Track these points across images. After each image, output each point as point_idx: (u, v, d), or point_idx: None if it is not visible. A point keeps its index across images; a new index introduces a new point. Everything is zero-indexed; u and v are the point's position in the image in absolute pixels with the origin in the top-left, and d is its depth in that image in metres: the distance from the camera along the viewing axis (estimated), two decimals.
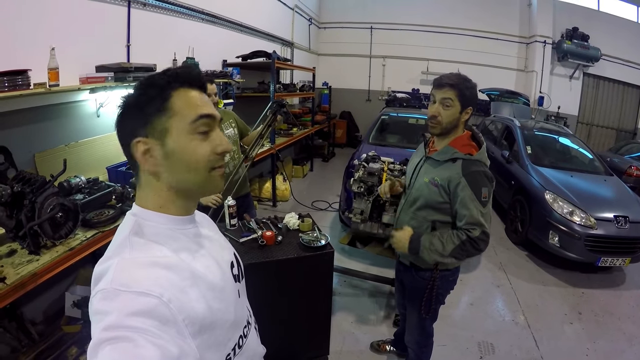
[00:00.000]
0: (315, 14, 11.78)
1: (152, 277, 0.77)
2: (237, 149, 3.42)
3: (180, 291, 0.79)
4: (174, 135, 0.86)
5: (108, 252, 0.86)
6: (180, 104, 0.87)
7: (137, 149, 0.86)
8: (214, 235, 1.09)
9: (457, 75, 2.07)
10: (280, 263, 2.47)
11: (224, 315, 0.92)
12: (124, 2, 3.93)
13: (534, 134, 6.69)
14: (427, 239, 2.08)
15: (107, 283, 0.75)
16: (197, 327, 0.81)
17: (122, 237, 0.87)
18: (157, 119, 0.86)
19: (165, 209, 0.92)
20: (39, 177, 2.37)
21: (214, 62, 5.86)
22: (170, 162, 0.87)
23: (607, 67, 11.32)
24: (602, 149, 10.86)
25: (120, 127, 0.89)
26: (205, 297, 0.86)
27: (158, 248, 0.86)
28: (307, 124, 8.79)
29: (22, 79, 2.56)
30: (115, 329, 0.68)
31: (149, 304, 0.72)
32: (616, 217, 4.59)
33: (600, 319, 3.91)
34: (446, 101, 2.04)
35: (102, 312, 0.71)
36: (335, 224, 5.84)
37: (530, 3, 11.17)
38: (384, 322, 3.65)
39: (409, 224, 2.22)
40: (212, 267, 0.95)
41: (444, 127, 2.08)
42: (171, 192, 0.91)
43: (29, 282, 2.08)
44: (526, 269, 4.87)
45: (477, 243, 1.98)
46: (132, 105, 0.88)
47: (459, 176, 1.99)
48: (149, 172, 0.89)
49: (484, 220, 1.98)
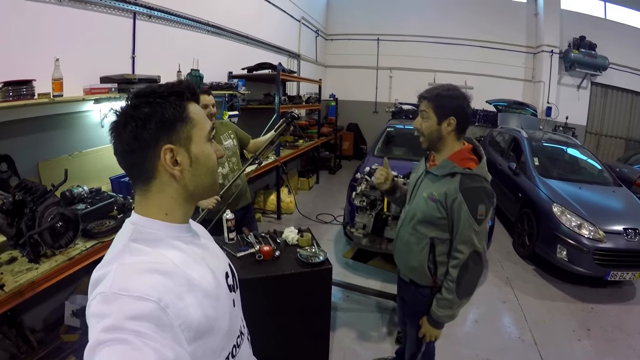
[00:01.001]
0: (322, 26, 11.85)
1: (150, 282, 0.80)
2: (236, 160, 3.40)
3: (177, 297, 0.82)
4: (197, 142, 0.96)
5: (106, 258, 0.90)
6: (195, 115, 0.96)
7: (165, 155, 0.91)
8: (209, 245, 1.12)
9: (437, 87, 2.07)
10: (277, 279, 2.45)
11: (219, 324, 0.94)
12: (129, 14, 3.99)
13: (541, 145, 6.59)
14: (435, 309, 2.08)
15: (106, 287, 0.78)
16: (193, 333, 0.83)
17: (121, 243, 0.90)
18: (182, 128, 0.93)
19: (171, 215, 0.97)
20: (40, 186, 2.40)
21: (219, 73, 5.90)
22: (194, 167, 0.95)
23: (615, 76, 11.20)
24: (611, 159, 10.73)
25: (133, 136, 0.89)
26: (201, 304, 0.88)
27: (156, 254, 0.88)
28: (313, 136, 8.77)
29: (27, 89, 2.62)
30: (113, 331, 0.70)
31: (147, 308, 0.75)
32: (626, 230, 4.50)
33: (610, 335, 3.81)
34: (422, 113, 2.07)
35: (101, 315, 0.74)
36: (339, 237, 5.79)
37: (536, 12, 11.14)
38: (386, 339, 3.58)
39: (408, 239, 2.18)
40: (207, 275, 0.97)
41: (427, 140, 2.08)
42: (182, 197, 0.97)
43: (27, 290, 2.10)
44: (533, 284, 4.78)
45: (466, 268, 1.96)
46: (152, 115, 0.90)
47: (456, 191, 1.95)
48: (173, 177, 0.94)
49: (477, 239, 1.94)
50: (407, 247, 2.20)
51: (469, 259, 1.95)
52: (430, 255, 2.10)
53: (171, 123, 0.92)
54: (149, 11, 4.24)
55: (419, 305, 2.22)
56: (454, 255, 2.01)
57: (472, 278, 1.99)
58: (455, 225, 1.98)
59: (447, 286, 2.02)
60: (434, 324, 2.13)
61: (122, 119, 0.91)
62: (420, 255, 2.12)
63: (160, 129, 0.90)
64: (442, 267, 2.10)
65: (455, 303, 2.02)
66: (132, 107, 0.91)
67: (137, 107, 0.90)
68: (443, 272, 2.09)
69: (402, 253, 2.26)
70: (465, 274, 1.97)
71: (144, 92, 0.93)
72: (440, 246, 2.08)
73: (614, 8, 11.30)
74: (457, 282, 1.98)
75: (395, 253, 2.36)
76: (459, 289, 1.98)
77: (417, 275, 2.18)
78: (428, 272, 2.12)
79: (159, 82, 3.56)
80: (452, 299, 2.00)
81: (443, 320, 2.08)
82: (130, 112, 0.90)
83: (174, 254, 0.91)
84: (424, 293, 2.19)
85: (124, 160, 0.93)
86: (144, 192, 0.95)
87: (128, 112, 0.91)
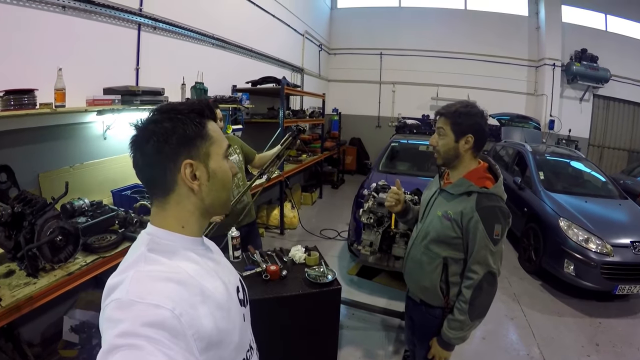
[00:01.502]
0: (325, 40, 11.93)
1: (165, 291, 0.81)
2: (242, 176, 3.38)
3: (191, 307, 0.83)
4: (214, 159, 0.99)
5: (122, 266, 0.91)
6: (214, 133, 1.00)
7: (185, 169, 0.94)
8: (221, 259, 1.15)
9: (455, 104, 2.03)
10: (284, 299, 2.40)
11: (229, 336, 0.96)
12: (134, 25, 4.00)
13: (545, 158, 6.58)
14: (446, 330, 2.03)
15: (122, 293, 0.79)
16: (205, 344, 0.84)
17: (137, 253, 0.92)
18: (202, 145, 0.97)
19: (187, 228, 0.99)
20: (40, 198, 2.37)
21: (223, 87, 5.90)
22: (211, 182, 0.99)
23: (617, 88, 11.22)
24: (614, 171, 10.70)
25: (155, 149, 0.92)
26: (213, 316, 0.89)
27: (171, 264, 0.90)
28: (316, 151, 8.77)
29: (29, 98, 2.60)
30: (128, 337, 0.71)
31: (162, 316, 0.76)
32: (633, 243, 4.46)
33: (619, 350, 3.76)
34: (440, 130, 2.03)
35: (116, 320, 0.75)
36: (343, 253, 5.73)
37: (538, 26, 11.21)
38: (392, 357, 3.52)
39: (420, 259, 2.14)
40: (219, 287, 0.98)
41: (443, 157, 2.05)
42: (199, 211, 1.00)
43: (24, 305, 2.06)
44: (541, 300, 4.72)
45: (480, 289, 1.92)
46: (174, 131, 0.93)
47: (472, 210, 1.91)
48: (192, 191, 0.96)
49: (492, 260, 1.90)
50: (419, 266, 2.15)
51: (483, 280, 1.91)
52: (443, 275, 2.06)
53: (191, 139, 0.95)
54: (154, 23, 4.26)
55: (429, 326, 2.18)
56: (467, 275, 1.97)
57: (485, 300, 1.95)
58: (470, 245, 1.94)
59: (460, 307, 1.97)
60: (445, 346, 2.08)
61: (144, 134, 0.94)
62: (433, 275, 2.08)
63: (182, 145, 0.93)
64: (454, 288, 2.06)
65: (467, 325, 1.97)
66: (153, 122, 0.94)
67: (159, 122, 0.94)
68: (455, 292, 2.05)
69: (413, 272, 2.22)
70: (479, 295, 1.93)
71: (166, 109, 0.97)
72: (453, 266, 2.04)
73: (614, 20, 11.37)
74: (470, 304, 1.93)
75: (406, 272, 2.31)
76: (471, 310, 1.94)
77: (428, 295, 2.14)
78: (440, 293, 2.08)
79: (163, 95, 3.60)
80: (464, 320, 1.96)
81: (454, 342, 2.03)
82: (152, 127, 0.93)
83: (189, 265, 0.93)
84: (435, 314, 2.14)
85: (145, 173, 0.96)
86: (162, 204, 0.98)
87: (149, 127, 0.94)
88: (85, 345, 2.82)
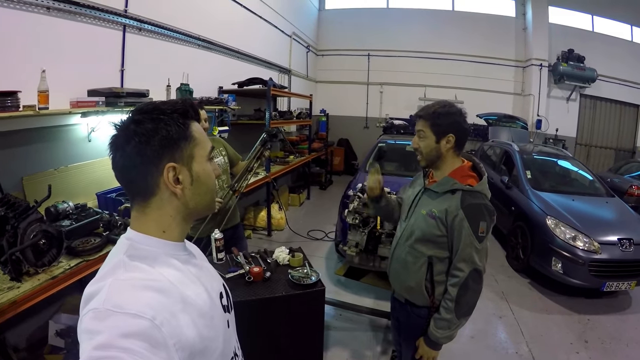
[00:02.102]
0: (313, 42, 11.92)
1: (145, 299, 0.78)
2: (227, 178, 3.35)
3: (171, 315, 0.80)
4: (198, 161, 0.96)
5: (100, 273, 0.87)
6: (198, 134, 0.96)
7: (168, 173, 0.90)
8: (204, 264, 1.11)
9: (434, 104, 2.04)
10: (267, 301, 2.36)
11: (213, 344, 0.92)
12: (119, 27, 3.96)
13: (533, 158, 6.60)
14: (433, 330, 2.00)
15: (99, 303, 0.75)
16: (187, 353, 0.81)
17: (116, 259, 0.88)
18: (185, 147, 0.93)
19: (168, 233, 0.95)
20: (23, 202, 2.36)
21: (210, 88, 5.87)
22: (195, 186, 0.95)
23: (604, 88, 11.38)
24: (601, 169, 10.79)
25: (136, 151, 0.88)
26: (195, 324, 0.86)
27: (151, 271, 0.86)
28: (304, 152, 8.73)
29: (12, 101, 2.57)
30: (106, 349, 0.68)
31: (141, 326, 0.73)
32: (620, 240, 4.49)
33: (608, 346, 3.77)
34: (420, 132, 2.04)
35: (93, 332, 0.72)
36: (331, 254, 5.69)
37: (525, 27, 11.31)
38: (380, 358, 3.49)
39: (405, 258, 2.12)
40: (202, 294, 0.95)
41: (426, 159, 2.04)
42: (181, 215, 0.96)
43: (8, 310, 2.03)
44: (529, 298, 4.73)
45: (466, 287, 1.90)
46: (156, 132, 0.89)
47: (457, 208, 1.90)
48: (174, 195, 0.93)
49: (478, 257, 1.89)
50: (404, 266, 2.13)
51: (468, 278, 1.89)
52: (428, 274, 2.04)
53: (175, 141, 0.91)
54: (140, 24, 4.22)
55: (415, 326, 2.15)
56: (453, 273, 1.95)
57: (471, 298, 1.93)
58: (455, 242, 1.93)
59: (446, 305, 1.95)
60: (432, 345, 2.05)
61: (124, 134, 0.89)
62: (418, 274, 2.06)
63: (164, 146, 0.90)
64: (439, 287, 2.04)
65: (454, 323, 1.95)
66: (135, 122, 0.90)
67: (141, 123, 0.89)
68: (441, 291, 2.03)
69: (398, 273, 2.19)
70: (465, 293, 1.91)
71: (148, 109, 0.92)
72: (438, 265, 2.02)
73: (601, 21, 11.52)
74: (457, 302, 1.91)
75: (391, 273, 2.29)
76: (457, 308, 1.92)
77: (413, 295, 2.12)
78: (425, 292, 2.06)
79: (148, 96, 3.56)
80: (450, 318, 1.94)
81: (441, 341, 2.01)
82: (134, 127, 0.89)
83: (170, 272, 0.90)
84: (421, 314, 2.12)
85: (124, 175, 0.92)
86: (143, 208, 0.94)
87: (131, 127, 0.89)
88: (70, 350, 2.79)
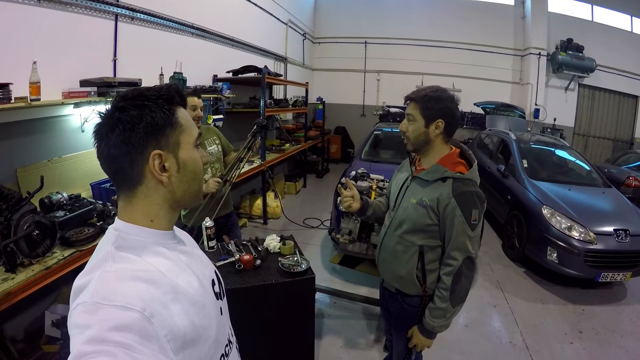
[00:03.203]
0: (309, 29, 11.80)
1: (134, 291, 0.77)
2: (220, 167, 3.32)
3: (162, 306, 0.79)
4: (185, 148, 0.93)
5: (89, 266, 0.86)
6: (184, 120, 0.94)
7: (154, 161, 0.88)
8: (195, 251, 1.09)
9: (425, 88, 1.99)
10: (257, 289, 2.34)
11: (206, 332, 0.91)
12: (111, 16, 3.91)
13: (530, 147, 6.56)
14: (429, 319, 1.98)
15: (88, 296, 0.74)
16: (180, 343, 0.80)
17: (104, 251, 0.86)
18: (171, 133, 0.90)
19: (156, 222, 0.93)
20: (16, 193, 2.37)
21: (204, 76, 5.82)
22: (181, 174, 0.93)
23: (603, 78, 11.34)
24: (599, 160, 10.81)
25: (121, 139, 0.85)
26: (187, 313, 0.85)
27: (140, 262, 0.85)
28: (300, 140, 8.71)
29: (3, 93, 2.58)
30: (96, 343, 0.67)
31: (131, 318, 0.72)
32: (616, 231, 4.47)
33: (602, 337, 3.77)
34: (409, 116, 1.99)
35: (83, 326, 0.70)
36: (327, 242, 5.68)
37: (524, 15, 11.22)
38: (374, 346, 3.48)
39: (394, 248, 2.08)
40: (193, 282, 0.94)
41: (413, 143, 2.00)
42: (169, 204, 0.94)
43: (3, 301, 2.05)
44: (524, 287, 4.72)
45: (460, 275, 1.88)
46: (141, 119, 0.86)
47: (449, 196, 1.86)
48: (161, 183, 0.91)
49: (470, 245, 1.86)
50: (394, 256, 2.10)
51: (462, 266, 1.87)
52: (419, 263, 2.01)
53: (160, 128, 0.89)
54: (132, 13, 4.15)
55: (407, 315, 2.13)
56: (446, 262, 1.92)
57: (465, 285, 1.91)
58: (447, 231, 1.90)
59: (440, 295, 1.93)
60: (427, 334, 2.03)
61: (108, 122, 0.86)
62: (409, 264, 2.03)
63: (149, 134, 0.87)
64: (431, 275, 2.01)
65: (449, 312, 1.93)
66: (119, 109, 0.87)
67: (125, 110, 0.86)
68: (433, 279, 2.01)
69: (388, 262, 2.16)
70: (459, 281, 1.89)
71: (132, 95, 0.89)
72: (429, 254, 2.00)
73: (601, 10, 11.45)
74: (451, 290, 1.89)
75: (380, 263, 2.25)
76: (452, 296, 1.90)
77: (404, 284, 2.09)
78: (417, 281, 2.03)
79: (140, 85, 3.49)
80: (445, 307, 1.92)
81: (437, 330, 1.99)
82: (118, 114, 0.86)
83: (159, 261, 0.88)
84: (412, 303, 2.09)
85: (109, 164, 0.89)
86: (129, 197, 0.92)
87: (115, 114, 0.86)
88: (67, 340, 2.76)
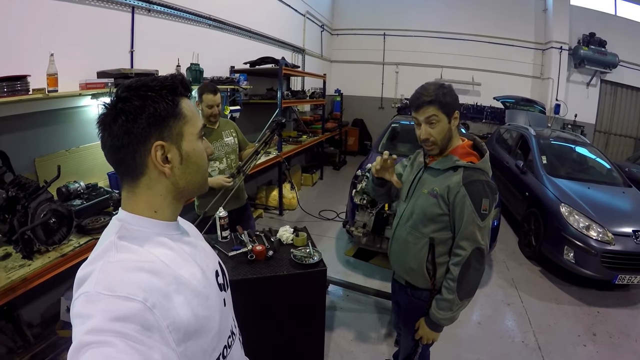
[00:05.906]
0: (327, 20, 11.73)
1: (136, 281, 0.77)
2: (235, 158, 3.35)
3: (164, 297, 0.79)
4: (188, 139, 0.93)
5: (92, 256, 0.86)
6: (187, 111, 0.93)
7: (156, 152, 0.88)
8: (198, 243, 1.09)
9: (430, 87, 1.92)
10: (269, 280, 2.36)
11: (209, 324, 0.92)
12: (127, 8, 3.93)
13: (549, 143, 6.47)
14: (435, 311, 1.97)
15: (90, 286, 0.75)
16: (182, 334, 0.80)
17: (107, 241, 0.87)
18: (174, 124, 0.90)
19: (160, 213, 0.94)
20: (33, 182, 2.42)
21: (221, 68, 5.83)
22: (185, 165, 0.93)
23: (626, 74, 11.02)
24: (620, 158, 10.57)
25: (123, 130, 0.86)
26: (190, 304, 0.85)
27: (143, 252, 0.86)
28: (317, 132, 8.71)
29: (21, 85, 2.61)
30: (98, 333, 0.67)
31: (133, 308, 0.72)
32: (635, 232, 4.36)
33: (616, 341, 3.70)
34: (431, 119, 1.90)
35: (85, 316, 0.71)
36: (342, 234, 5.69)
37: (545, 8, 10.96)
38: (385, 340, 3.49)
39: (406, 239, 2.09)
40: (197, 273, 0.94)
41: (440, 145, 1.95)
42: (172, 194, 0.95)
43: (19, 286, 2.10)
44: (539, 286, 4.67)
45: (468, 266, 1.87)
46: (143, 109, 0.87)
47: (459, 185, 1.86)
48: (164, 174, 0.91)
49: (480, 235, 1.85)
50: (405, 247, 2.10)
51: (471, 256, 1.86)
52: (429, 255, 2.01)
53: (163, 118, 0.89)
54: (148, 5, 4.17)
55: (415, 308, 2.13)
56: (455, 252, 1.92)
57: (474, 277, 1.90)
58: (457, 220, 1.89)
59: (448, 285, 1.92)
60: (433, 327, 2.03)
61: (112, 113, 0.87)
62: (419, 255, 2.03)
63: (152, 124, 0.87)
64: (441, 268, 2.01)
65: (456, 304, 1.92)
66: (122, 100, 0.87)
67: (128, 100, 0.87)
68: (442, 273, 2.00)
69: (399, 254, 2.16)
70: (467, 273, 1.88)
71: (135, 85, 0.89)
72: (440, 247, 1.99)
73: (624, 5, 11.12)
74: (459, 282, 1.88)
75: (391, 254, 2.26)
76: (460, 288, 1.89)
77: (414, 277, 2.09)
78: (427, 274, 2.03)
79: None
80: (452, 299, 1.91)
81: (443, 322, 1.99)
82: (121, 105, 0.86)
83: (163, 252, 0.89)
84: (421, 296, 2.09)
85: (113, 155, 0.90)
86: (132, 188, 0.92)
87: (118, 105, 0.87)
88: None
